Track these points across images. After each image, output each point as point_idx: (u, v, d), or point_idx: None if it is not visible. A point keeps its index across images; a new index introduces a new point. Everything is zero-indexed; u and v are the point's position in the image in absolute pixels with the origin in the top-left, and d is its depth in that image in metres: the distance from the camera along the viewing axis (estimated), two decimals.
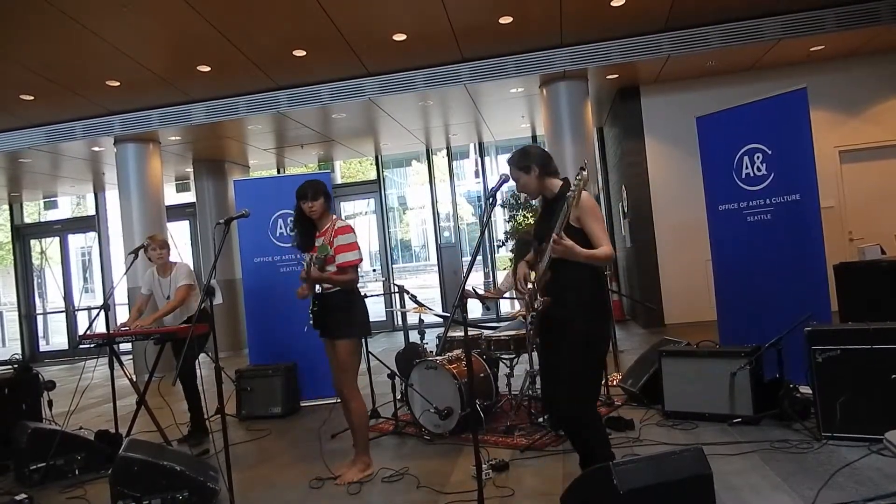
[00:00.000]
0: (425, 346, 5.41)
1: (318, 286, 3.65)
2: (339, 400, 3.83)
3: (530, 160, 3.01)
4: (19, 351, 12.34)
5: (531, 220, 7.95)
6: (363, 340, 3.91)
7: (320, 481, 3.73)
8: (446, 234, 12.11)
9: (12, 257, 13.20)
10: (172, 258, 5.17)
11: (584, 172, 2.64)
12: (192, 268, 5.16)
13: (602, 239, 2.80)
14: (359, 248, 3.68)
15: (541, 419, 4.30)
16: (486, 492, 2.93)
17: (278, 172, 12.05)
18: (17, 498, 3.78)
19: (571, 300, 2.86)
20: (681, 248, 8.55)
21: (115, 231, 11.92)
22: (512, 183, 3.13)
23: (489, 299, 6.38)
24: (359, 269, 3.76)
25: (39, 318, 13.21)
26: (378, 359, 5.21)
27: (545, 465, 3.71)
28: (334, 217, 3.78)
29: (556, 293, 2.86)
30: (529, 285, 3.00)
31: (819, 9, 7.13)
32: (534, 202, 7.78)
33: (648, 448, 3.77)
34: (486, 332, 5.00)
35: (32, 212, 13.49)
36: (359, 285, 3.83)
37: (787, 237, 4.71)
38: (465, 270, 3.01)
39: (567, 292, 2.86)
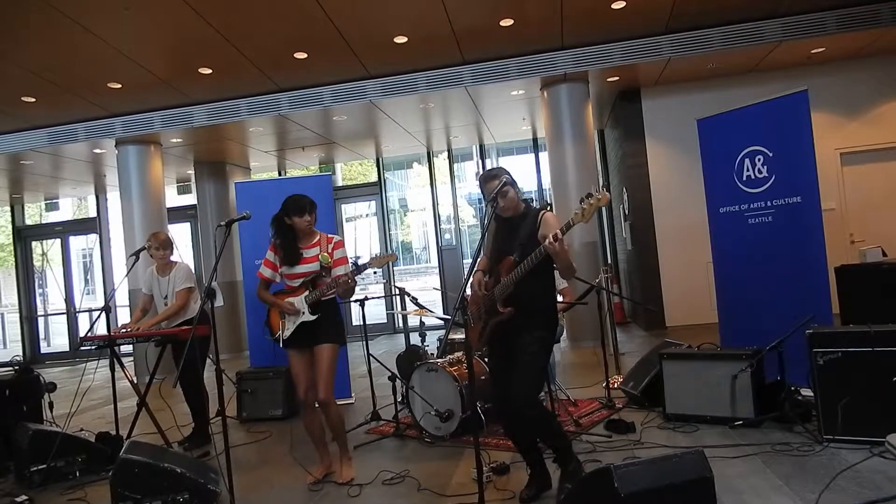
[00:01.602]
0: (426, 348, 5.41)
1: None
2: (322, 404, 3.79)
3: (514, 181, 3.21)
4: (20, 352, 12.35)
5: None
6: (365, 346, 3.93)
7: (319, 484, 3.73)
8: (447, 236, 12.11)
9: (14, 259, 13.21)
10: (174, 258, 5.15)
11: (606, 194, 2.77)
12: (192, 269, 5.14)
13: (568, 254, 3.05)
14: (348, 263, 3.80)
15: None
16: (487, 494, 2.93)
17: (279, 175, 12.07)
18: (18, 500, 3.79)
19: (538, 309, 3.13)
20: (682, 250, 8.55)
21: (117, 233, 11.94)
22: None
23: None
24: None
25: (40, 320, 13.22)
26: (379, 361, 5.22)
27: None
28: (323, 233, 3.83)
29: (523, 304, 3.08)
30: (486, 291, 3.21)
31: (820, 11, 7.13)
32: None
33: (649, 451, 3.77)
34: None
35: (34, 213, 13.50)
36: (357, 288, 3.88)
37: (788, 239, 4.70)
38: (466, 273, 3.06)
39: (534, 302, 3.11)
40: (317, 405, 3.74)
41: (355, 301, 5.18)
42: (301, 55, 7.10)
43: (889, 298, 4.52)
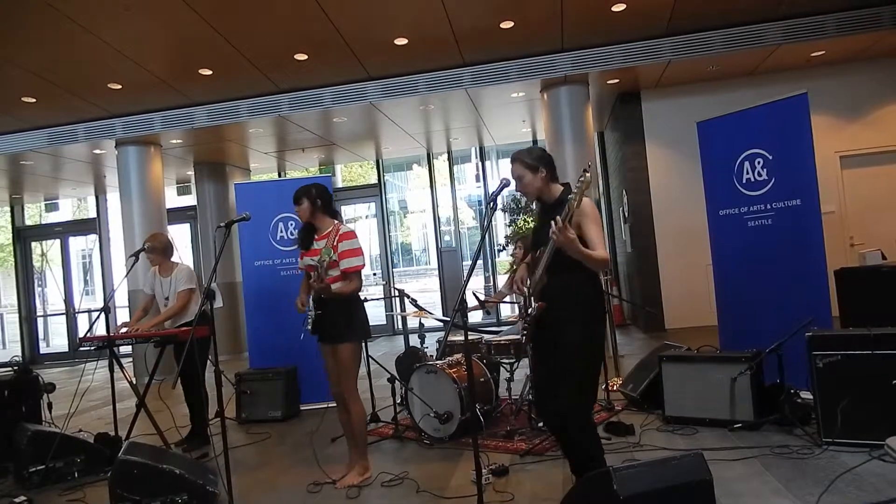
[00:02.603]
0: (425, 350, 5.41)
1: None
2: (335, 404, 3.84)
3: (540, 161, 2.96)
4: (19, 353, 12.34)
5: (532, 225, 7.99)
6: (363, 344, 3.92)
7: (318, 486, 3.72)
8: (447, 238, 12.11)
9: (13, 259, 13.21)
10: (174, 259, 5.13)
11: (587, 175, 2.61)
12: (193, 269, 5.12)
13: (598, 244, 2.77)
14: (362, 254, 3.68)
15: (541, 424, 4.30)
16: (486, 497, 2.93)
17: (279, 176, 12.06)
18: (17, 500, 3.79)
19: (569, 304, 2.87)
20: (681, 252, 8.54)
21: (116, 234, 11.94)
22: (513, 187, 3.09)
23: (489, 304, 6.38)
24: (361, 274, 3.75)
25: (40, 321, 13.21)
26: (378, 363, 5.22)
27: (545, 469, 3.69)
28: (337, 223, 3.77)
29: (553, 297, 2.87)
30: (526, 288, 3.03)
31: (820, 14, 7.13)
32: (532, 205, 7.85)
33: (649, 453, 3.77)
34: (487, 337, 5.00)
35: (33, 214, 13.51)
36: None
37: (787, 242, 4.70)
38: (465, 275, 3.02)
39: (565, 296, 2.86)
40: None
41: None
42: (301, 56, 7.11)
43: (889, 301, 4.52)
